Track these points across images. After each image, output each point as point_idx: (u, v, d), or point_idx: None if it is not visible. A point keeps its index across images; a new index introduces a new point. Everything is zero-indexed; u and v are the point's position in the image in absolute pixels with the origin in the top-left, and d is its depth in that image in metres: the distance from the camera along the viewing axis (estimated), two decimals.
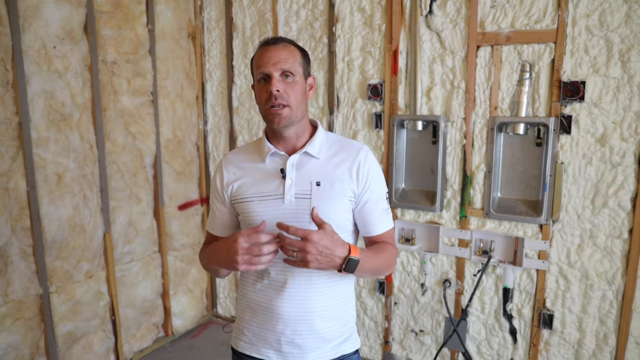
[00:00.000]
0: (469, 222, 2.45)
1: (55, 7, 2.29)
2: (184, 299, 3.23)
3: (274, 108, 1.22)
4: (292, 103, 1.23)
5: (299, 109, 1.25)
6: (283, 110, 1.22)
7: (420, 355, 2.70)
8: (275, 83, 1.21)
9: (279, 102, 1.21)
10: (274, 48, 1.23)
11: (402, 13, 2.46)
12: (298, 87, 1.24)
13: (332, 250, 1.13)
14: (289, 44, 1.26)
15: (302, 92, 1.26)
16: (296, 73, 1.24)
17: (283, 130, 1.26)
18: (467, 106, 2.37)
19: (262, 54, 1.24)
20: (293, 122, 1.25)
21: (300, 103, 1.25)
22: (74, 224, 2.46)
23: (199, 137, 3.26)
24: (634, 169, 2.07)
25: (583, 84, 2.10)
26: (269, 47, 1.24)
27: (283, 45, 1.24)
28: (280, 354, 1.30)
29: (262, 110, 1.26)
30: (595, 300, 2.22)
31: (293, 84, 1.23)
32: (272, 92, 1.20)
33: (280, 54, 1.22)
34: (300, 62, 1.26)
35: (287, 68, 1.22)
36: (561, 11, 2.10)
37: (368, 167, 1.29)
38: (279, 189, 1.27)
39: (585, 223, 2.20)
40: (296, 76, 1.24)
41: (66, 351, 2.51)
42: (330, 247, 1.12)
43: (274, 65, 1.21)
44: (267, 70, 1.22)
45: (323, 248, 1.11)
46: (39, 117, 2.28)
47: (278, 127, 1.25)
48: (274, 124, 1.24)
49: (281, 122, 1.23)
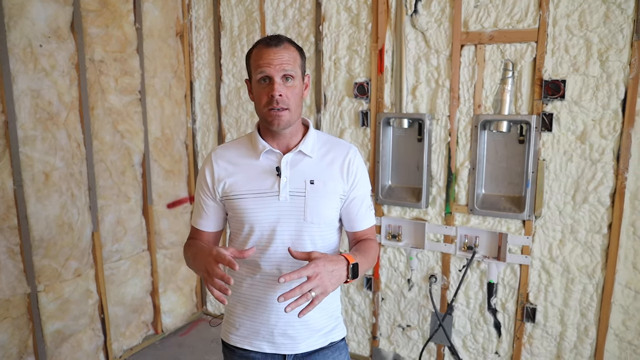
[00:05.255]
0: (454, 218, 2.49)
1: (41, 6, 2.29)
2: (174, 296, 3.24)
3: (274, 111, 1.23)
4: (292, 106, 1.25)
5: (297, 111, 1.28)
6: (284, 113, 1.24)
7: (408, 349, 2.74)
8: (278, 87, 1.22)
9: (280, 106, 1.23)
10: (275, 50, 1.23)
11: (387, 12, 2.49)
12: (297, 90, 1.26)
13: (337, 268, 1.16)
14: (290, 45, 1.27)
15: (300, 94, 1.28)
16: (296, 76, 1.26)
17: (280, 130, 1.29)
18: (451, 104, 2.40)
19: (263, 53, 1.24)
20: (291, 124, 1.28)
21: (299, 105, 1.28)
22: (61, 222, 2.47)
23: (188, 136, 3.26)
24: (612, 165, 2.12)
25: (564, 83, 2.15)
26: (271, 48, 1.23)
27: (284, 46, 1.24)
28: (273, 345, 1.34)
29: (260, 111, 1.27)
30: (577, 293, 2.27)
31: (293, 87, 1.25)
32: (273, 96, 1.22)
33: (283, 57, 1.23)
34: (300, 63, 1.28)
35: (288, 71, 1.23)
36: (542, 11, 2.15)
37: (356, 166, 1.34)
38: (274, 187, 1.29)
39: (566, 218, 2.25)
40: (296, 79, 1.26)
41: (55, 350, 2.52)
42: (334, 266, 1.15)
43: (276, 68, 1.22)
44: (269, 73, 1.22)
45: (331, 271, 1.14)
46: (26, 115, 2.27)
47: (277, 129, 1.27)
48: (273, 126, 1.26)
49: (281, 125, 1.25)
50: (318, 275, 1.10)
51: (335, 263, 1.16)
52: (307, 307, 1.11)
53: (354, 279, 1.20)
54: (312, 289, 1.10)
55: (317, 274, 1.10)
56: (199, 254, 1.25)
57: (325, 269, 1.12)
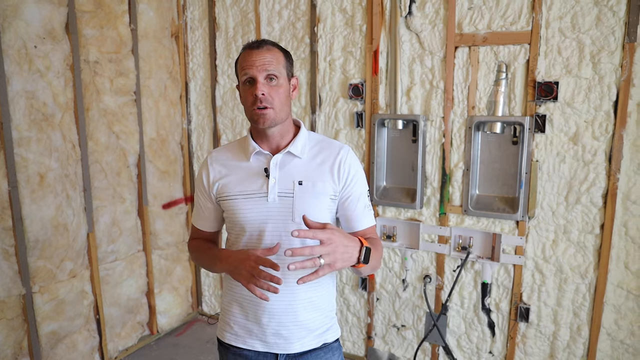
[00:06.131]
0: (448, 219, 2.51)
1: (35, 7, 2.29)
2: (169, 297, 3.25)
3: (259, 110, 1.26)
4: (276, 105, 1.27)
5: (283, 110, 1.30)
6: (267, 112, 1.26)
7: (402, 349, 2.76)
8: (260, 87, 1.25)
9: (264, 104, 1.25)
10: (257, 52, 1.27)
11: (382, 14, 2.50)
12: (282, 90, 1.29)
13: (352, 245, 1.12)
14: (273, 47, 1.30)
15: (286, 94, 1.30)
16: (280, 76, 1.28)
17: (267, 130, 1.31)
18: (445, 105, 2.42)
19: (246, 56, 1.28)
20: (277, 123, 1.30)
21: (284, 104, 1.30)
22: (56, 223, 2.47)
23: (183, 136, 3.26)
24: (604, 166, 2.14)
25: (556, 84, 2.16)
26: (253, 50, 1.28)
27: (267, 48, 1.28)
28: (266, 344, 1.36)
29: (247, 112, 1.31)
30: (569, 293, 2.29)
31: (277, 86, 1.28)
32: (257, 96, 1.25)
33: (265, 58, 1.26)
34: (284, 64, 1.30)
35: (271, 71, 1.26)
36: (535, 13, 2.16)
37: (348, 166, 1.34)
38: (263, 188, 1.31)
39: (559, 219, 2.27)
40: (280, 79, 1.28)
41: (50, 351, 2.52)
42: (349, 242, 1.12)
43: (259, 68, 1.25)
44: (252, 74, 1.26)
45: (345, 245, 1.10)
46: (20, 117, 2.27)
47: (263, 127, 1.29)
48: (259, 124, 1.29)
49: (266, 123, 1.28)
50: (333, 243, 1.06)
51: (350, 239, 1.12)
52: (310, 276, 1.06)
53: (364, 264, 1.15)
54: (321, 256, 1.05)
55: (331, 241, 1.06)
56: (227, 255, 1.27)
57: (341, 240, 1.09)
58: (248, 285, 1.17)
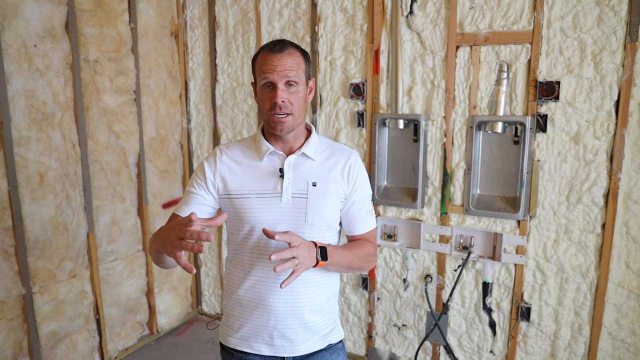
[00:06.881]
0: (449, 218, 2.51)
1: (35, 6, 2.27)
2: (169, 296, 3.24)
3: (277, 116, 1.25)
4: (295, 111, 1.27)
5: (301, 115, 1.30)
6: (287, 119, 1.26)
7: (403, 349, 2.76)
8: (280, 93, 1.23)
9: (283, 111, 1.25)
10: (279, 56, 1.24)
11: (383, 13, 2.50)
12: (300, 95, 1.28)
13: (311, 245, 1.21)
14: (294, 50, 1.27)
15: (304, 99, 1.30)
16: (300, 81, 1.27)
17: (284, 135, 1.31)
18: (447, 105, 2.42)
19: (267, 59, 1.25)
20: (294, 128, 1.30)
21: (302, 109, 1.30)
22: (56, 223, 2.45)
23: (183, 136, 3.26)
24: (606, 166, 2.15)
25: (558, 84, 2.17)
26: (275, 54, 1.24)
27: (288, 52, 1.25)
28: (273, 348, 1.35)
29: (264, 114, 1.29)
30: (570, 292, 2.30)
31: (296, 92, 1.26)
32: (276, 103, 1.23)
33: (286, 63, 1.24)
34: (304, 68, 1.29)
35: (292, 77, 1.24)
36: (537, 13, 2.16)
37: (357, 171, 1.37)
38: (277, 188, 1.30)
39: (560, 218, 2.27)
40: (299, 84, 1.27)
41: (50, 351, 2.51)
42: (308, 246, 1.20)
43: (280, 74, 1.23)
44: (272, 79, 1.24)
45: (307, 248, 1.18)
46: (20, 116, 2.26)
47: (280, 134, 1.29)
48: (276, 130, 1.28)
49: (284, 130, 1.27)
50: (301, 244, 1.15)
51: (308, 243, 1.20)
52: (289, 278, 1.14)
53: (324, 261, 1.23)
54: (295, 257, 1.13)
55: (300, 244, 1.15)
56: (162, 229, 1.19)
57: (305, 243, 1.18)
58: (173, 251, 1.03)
